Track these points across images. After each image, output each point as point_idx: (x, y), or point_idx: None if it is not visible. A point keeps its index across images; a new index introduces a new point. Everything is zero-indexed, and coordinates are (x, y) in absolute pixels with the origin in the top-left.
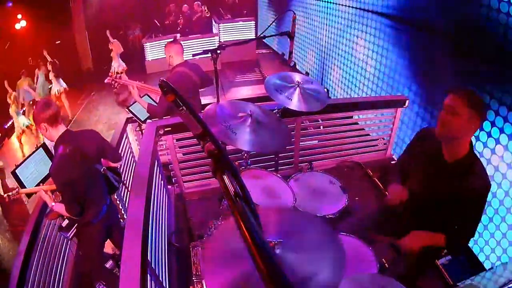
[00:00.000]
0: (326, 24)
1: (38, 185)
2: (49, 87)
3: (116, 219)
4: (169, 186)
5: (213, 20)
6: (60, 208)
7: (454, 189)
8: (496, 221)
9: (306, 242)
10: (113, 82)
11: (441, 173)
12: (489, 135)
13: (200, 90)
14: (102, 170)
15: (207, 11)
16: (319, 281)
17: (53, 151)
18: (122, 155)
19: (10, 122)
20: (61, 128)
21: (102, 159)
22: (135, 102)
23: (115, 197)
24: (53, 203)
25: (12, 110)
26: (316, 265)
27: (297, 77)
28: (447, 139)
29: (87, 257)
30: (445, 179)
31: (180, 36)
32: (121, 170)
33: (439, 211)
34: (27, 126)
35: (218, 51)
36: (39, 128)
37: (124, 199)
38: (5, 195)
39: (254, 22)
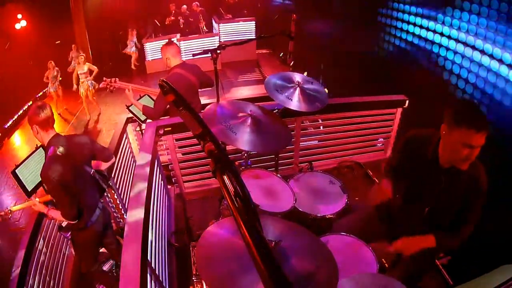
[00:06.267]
0: None
1: (37, 185)
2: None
3: (108, 221)
4: (169, 186)
5: (213, 20)
6: (56, 214)
7: (450, 192)
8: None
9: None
10: (108, 86)
11: (437, 178)
12: None
13: (199, 90)
14: (91, 172)
15: (202, 19)
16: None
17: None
18: (122, 155)
19: (10, 122)
20: (52, 133)
21: (92, 161)
22: None
23: (115, 197)
24: (48, 210)
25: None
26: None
27: (297, 77)
28: None
29: (83, 259)
30: (441, 183)
31: (180, 36)
32: (121, 171)
33: (436, 213)
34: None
35: (218, 51)
36: (31, 129)
37: (124, 199)
38: None
39: (254, 22)
